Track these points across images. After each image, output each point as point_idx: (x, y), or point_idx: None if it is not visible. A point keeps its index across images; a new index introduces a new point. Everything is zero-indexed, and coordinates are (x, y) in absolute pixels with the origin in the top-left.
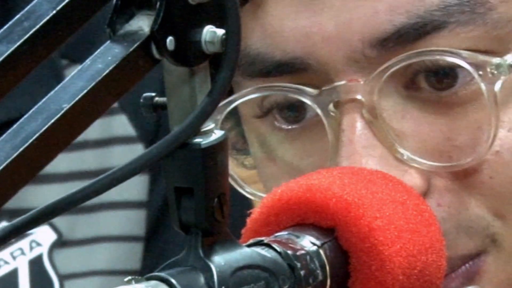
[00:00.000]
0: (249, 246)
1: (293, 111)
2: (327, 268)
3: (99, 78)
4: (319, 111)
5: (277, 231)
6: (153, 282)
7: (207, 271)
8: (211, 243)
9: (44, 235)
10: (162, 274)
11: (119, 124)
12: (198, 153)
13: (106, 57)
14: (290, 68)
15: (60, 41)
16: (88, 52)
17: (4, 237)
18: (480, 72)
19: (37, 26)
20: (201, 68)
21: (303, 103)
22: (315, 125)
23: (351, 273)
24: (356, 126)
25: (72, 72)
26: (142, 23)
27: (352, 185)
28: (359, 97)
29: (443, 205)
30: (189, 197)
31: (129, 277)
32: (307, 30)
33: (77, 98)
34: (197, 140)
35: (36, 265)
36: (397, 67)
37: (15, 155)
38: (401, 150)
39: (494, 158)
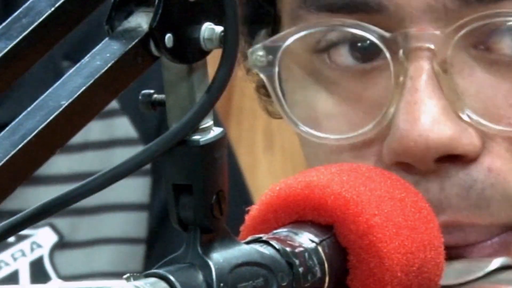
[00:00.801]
0: (247, 243)
1: (355, 49)
2: (326, 265)
3: (98, 75)
4: (387, 54)
5: (275, 228)
6: (151, 279)
7: (206, 268)
8: (210, 240)
9: (45, 236)
10: (161, 271)
11: (120, 126)
12: (197, 150)
13: (104, 54)
14: (363, 6)
15: (58, 38)
16: None
17: (1, 235)
18: None
19: (36, 23)
20: (200, 65)
21: (370, 45)
22: (377, 68)
23: (350, 270)
24: (424, 75)
25: None
26: (140, 20)
27: (350, 182)
28: (432, 46)
29: (493, 171)
30: (188, 194)
31: (128, 274)
32: None
33: (75, 95)
34: (196, 137)
35: (37, 266)
36: (478, 24)
37: (13, 152)
38: (463, 107)
39: None
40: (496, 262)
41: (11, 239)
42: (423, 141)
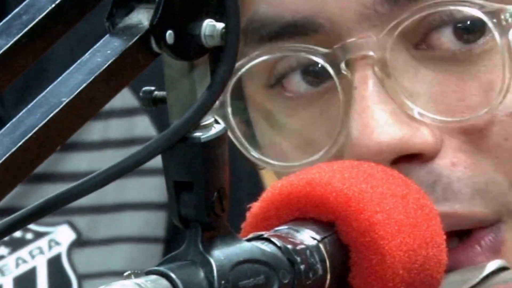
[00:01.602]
0: (249, 240)
1: (309, 75)
2: (327, 262)
3: (98, 71)
4: (330, 70)
5: (277, 226)
6: (152, 277)
7: (207, 265)
8: (211, 238)
9: (63, 234)
10: (162, 268)
11: (141, 125)
12: (198, 147)
13: (105, 50)
14: (300, 29)
15: (59, 35)
16: None
17: (6, 230)
18: (494, 20)
19: (36, 20)
20: (201, 62)
21: (313, 69)
22: (326, 90)
23: (351, 268)
24: (368, 83)
25: None
26: (141, 17)
27: (352, 179)
28: (371, 53)
29: (457, 165)
30: (189, 191)
31: (129, 272)
32: None
33: (76, 92)
34: (197, 134)
35: (54, 264)
36: (410, 20)
37: (14, 149)
38: (413, 107)
39: (508, 119)
40: (491, 266)
41: (29, 236)
42: (375, 145)
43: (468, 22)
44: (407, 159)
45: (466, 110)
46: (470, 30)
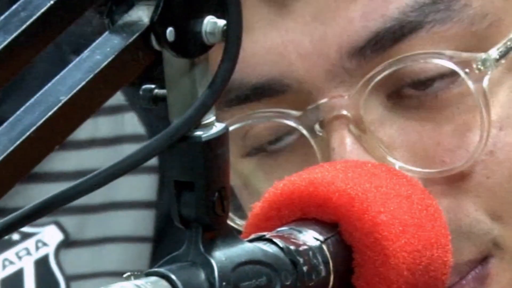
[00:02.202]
0: (250, 241)
1: (278, 140)
2: (330, 263)
3: (98, 69)
4: (305, 132)
5: (279, 226)
6: (153, 278)
7: (208, 266)
8: (212, 238)
9: (50, 235)
10: (162, 269)
11: (129, 122)
12: (199, 147)
13: (104, 48)
14: (268, 91)
15: (57, 32)
16: None
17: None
18: (466, 70)
19: (34, 17)
20: (202, 59)
21: (285, 127)
22: (299, 146)
23: (355, 269)
24: (346, 143)
25: None
26: (141, 14)
27: (355, 179)
28: (344, 112)
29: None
30: (190, 191)
31: (128, 273)
32: (281, 49)
33: (75, 90)
34: (198, 133)
35: (42, 265)
36: (380, 76)
37: (12, 148)
38: (393, 161)
39: (488, 158)
40: None
41: (16, 237)
42: None
43: (438, 72)
44: None
45: (445, 154)
46: (440, 79)
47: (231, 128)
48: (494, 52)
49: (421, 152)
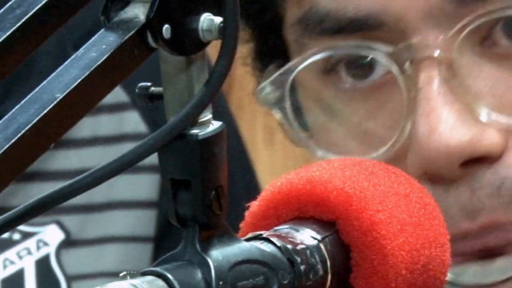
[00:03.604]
0: (247, 240)
1: (360, 68)
2: (328, 262)
3: (94, 67)
4: (394, 69)
5: (276, 225)
6: (149, 278)
7: (205, 266)
8: (209, 237)
9: (51, 234)
10: (158, 269)
11: (131, 120)
12: (196, 145)
13: (100, 45)
14: (363, 25)
15: (53, 29)
16: None
17: None
18: None
19: (30, 14)
20: (198, 56)
21: (372, 61)
22: (385, 84)
23: (353, 268)
24: (434, 84)
25: None
26: (137, 11)
27: (353, 177)
28: (436, 54)
29: None
30: (186, 190)
31: (124, 272)
32: None
33: (70, 88)
34: (194, 131)
35: (43, 265)
36: (478, 23)
37: (7, 146)
38: (479, 108)
39: None
40: None
41: (17, 236)
42: (444, 149)
43: None
44: (475, 161)
45: None
46: None
47: (322, 55)
48: None
49: (507, 102)
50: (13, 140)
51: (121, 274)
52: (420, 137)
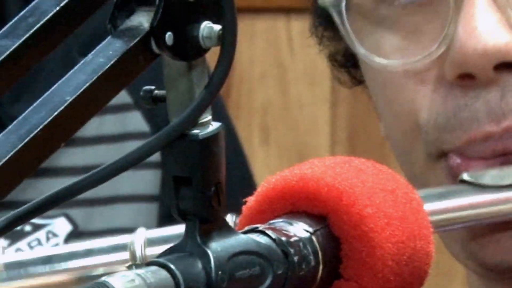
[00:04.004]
0: (244, 233)
1: None
2: (320, 254)
3: (101, 71)
4: None
5: (271, 219)
6: (152, 268)
7: (205, 257)
8: (208, 230)
9: (60, 226)
10: (161, 260)
11: (134, 120)
12: (196, 144)
13: (107, 51)
14: None
15: (63, 36)
16: None
17: (9, 224)
18: None
19: (41, 22)
20: (199, 62)
21: None
22: (432, 1)
23: (343, 259)
24: None
25: None
26: (142, 19)
27: (343, 174)
28: None
29: None
30: (188, 186)
31: (130, 263)
32: None
33: (79, 91)
34: (195, 131)
35: None
36: None
37: (20, 145)
38: None
39: None
40: None
41: (28, 228)
42: (481, 48)
43: None
44: (508, 67)
45: None
46: None
47: None
48: None
49: None
50: (26, 140)
51: (126, 265)
52: (460, 36)
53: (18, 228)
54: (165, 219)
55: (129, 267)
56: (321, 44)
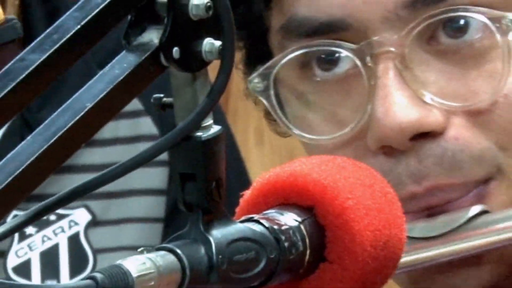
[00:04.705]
0: (241, 222)
1: (329, 63)
2: (307, 240)
3: (116, 81)
4: (357, 61)
5: (265, 210)
6: (161, 252)
7: (207, 243)
8: (210, 220)
9: (80, 216)
10: (169, 245)
11: (145, 124)
12: (199, 145)
13: (122, 64)
14: (332, 28)
15: (83, 51)
16: None
17: (38, 214)
18: (497, 25)
19: (64, 39)
20: (202, 73)
21: (340, 56)
22: (350, 76)
23: (327, 245)
24: (390, 73)
25: None
26: (152, 36)
27: (328, 171)
28: (392, 49)
29: (460, 139)
30: (192, 182)
31: (142, 248)
32: None
33: (98, 99)
34: (198, 133)
35: (73, 241)
36: (425, 23)
37: (46, 146)
38: (426, 93)
39: (503, 100)
40: (474, 210)
41: (52, 217)
42: (397, 126)
43: (472, 23)
44: (422, 136)
45: (469, 94)
46: (472, 29)
47: (300, 52)
48: None
49: (449, 89)
50: (51, 141)
51: (139, 250)
52: (378, 116)
53: (44, 217)
54: (171, 210)
55: (141, 252)
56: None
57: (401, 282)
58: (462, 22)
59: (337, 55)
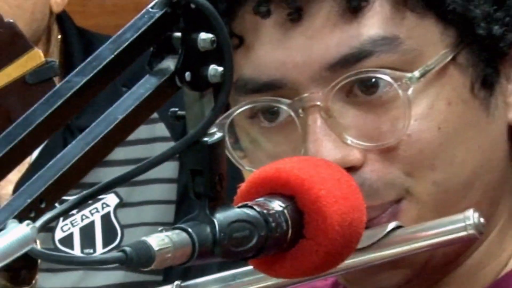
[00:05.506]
0: (239, 207)
1: (271, 114)
2: (289, 221)
3: (141, 99)
4: (292, 113)
5: (256, 198)
6: (176, 231)
7: (212, 224)
8: (214, 206)
9: (111, 199)
10: (183, 225)
11: (159, 128)
12: (206, 148)
13: (146, 85)
14: (272, 87)
15: (116, 75)
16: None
17: (82, 200)
18: (398, 83)
19: (101, 65)
20: (208, 92)
21: (279, 109)
22: (287, 124)
23: (305, 225)
24: (317, 122)
25: None
26: (169, 63)
27: (306, 168)
28: (318, 103)
29: (375, 171)
30: (200, 176)
31: (161, 228)
32: (283, 61)
33: (127, 112)
34: (205, 139)
35: (105, 219)
36: (344, 82)
37: (87, 148)
38: (347, 137)
39: (407, 139)
40: (391, 225)
41: (90, 200)
42: None
43: (380, 82)
44: (346, 170)
45: (380, 136)
46: (375, 85)
47: (247, 107)
48: (416, 73)
49: (365, 132)
50: (91, 144)
51: (159, 229)
52: (310, 155)
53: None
54: (181, 195)
55: (161, 231)
56: None
57: (341, 282)
58: (373, 80)
59: (275, 108)
